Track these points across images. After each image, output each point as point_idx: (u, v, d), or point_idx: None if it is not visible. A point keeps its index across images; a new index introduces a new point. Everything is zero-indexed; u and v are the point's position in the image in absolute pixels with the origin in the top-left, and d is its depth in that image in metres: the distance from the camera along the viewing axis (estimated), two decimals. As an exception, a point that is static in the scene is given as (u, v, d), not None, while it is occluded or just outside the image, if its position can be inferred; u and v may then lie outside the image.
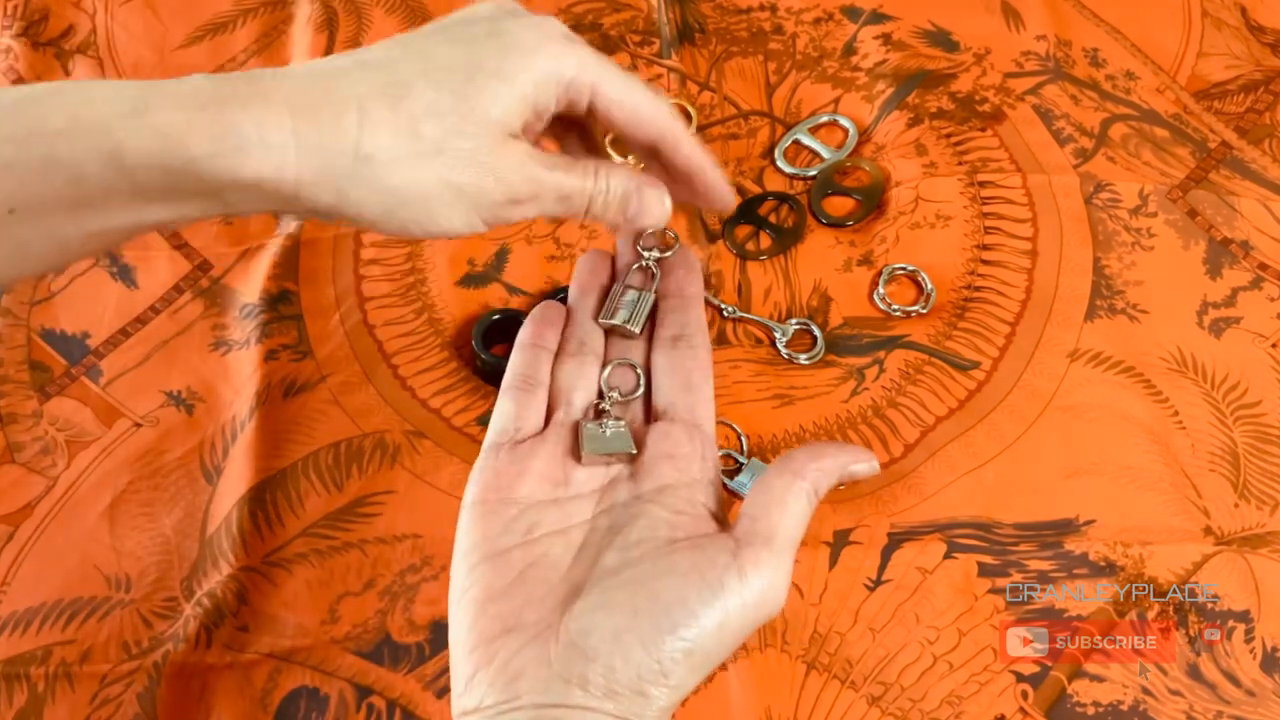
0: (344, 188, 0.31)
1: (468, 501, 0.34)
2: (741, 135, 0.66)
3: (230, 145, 0.29)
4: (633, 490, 0.34)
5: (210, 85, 0.30)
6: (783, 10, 0.71)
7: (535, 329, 0.38)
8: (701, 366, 0.37)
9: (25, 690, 0.47)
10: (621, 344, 0.38)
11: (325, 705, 0.46)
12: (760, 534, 0.31)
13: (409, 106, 0.31)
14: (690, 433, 0.35)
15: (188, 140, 0.29)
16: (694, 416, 0.35)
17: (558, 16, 0.70)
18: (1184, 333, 0.56)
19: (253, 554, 0.50)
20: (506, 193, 0.33)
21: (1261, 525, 0.50)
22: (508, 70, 0.32)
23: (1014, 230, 0.60)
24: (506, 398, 0.37)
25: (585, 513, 0.34)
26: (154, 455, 0.53)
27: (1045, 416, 0.54)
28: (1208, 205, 0.61)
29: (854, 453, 0.33)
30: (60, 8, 0.70)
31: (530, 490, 0.34)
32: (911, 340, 0.57)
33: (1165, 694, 0.46)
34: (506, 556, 0.32)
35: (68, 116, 0.29)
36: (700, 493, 0.33)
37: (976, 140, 0.64)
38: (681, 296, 0.38)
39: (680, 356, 0.37)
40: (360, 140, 0.30)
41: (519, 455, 0.35)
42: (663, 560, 0.31)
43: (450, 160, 0.31)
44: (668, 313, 0.38)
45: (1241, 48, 0.69)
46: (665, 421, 0.36)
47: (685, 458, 0.34)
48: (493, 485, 0.34)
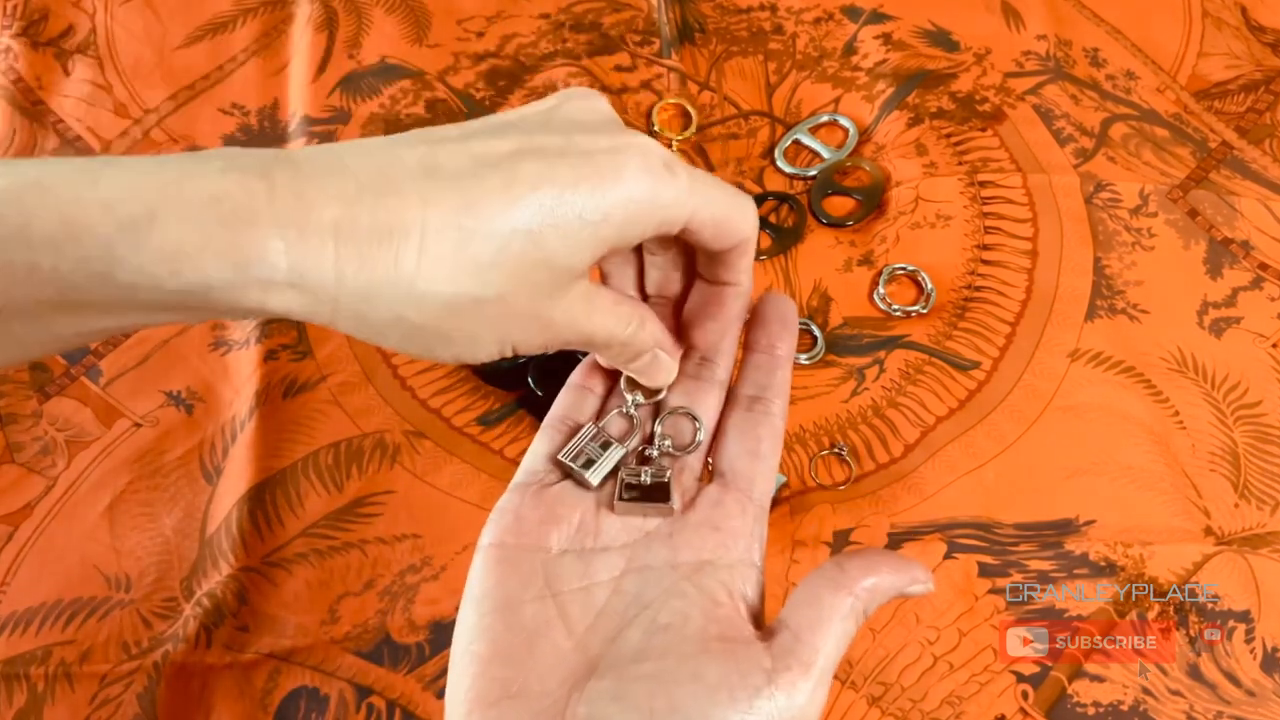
0: (378, 325, 0.27)
1: (484, 543, 0.31)
2: (741, 135, 0.66)
3: (255, 277, 0.24)
4: (669, 556, 0.31)
5: (237, 188, 0.24)
6: (783, 10, 0.71)
7: (586, 372, 0.36)
8: (773, 435, 0.33)
9: (25, 690, 0.47)
10: (687, 387, 0.34)
11: (325, 705, 0.46)
12: (800, 656, 0.27)
13: (477, 251, 0.26)
14: (744, 506, 0.32)
15: (202, 265, 0.24)
16: (751, 488, 0.32)
17: (557, 16, 0.70)
18: (1184, 333, 0.56)
19: (252, 554, 0.50)
20: (549, 339, 0.29)
21: (1262, 525, 0.50)
22: (596, 209, 0.27)
23: (1014, 230, 0.60)
24: (543, 437, 0.34)
25: (612, 569, 0.31)
26: (154, 455, 0.53)
27: (1045, 416, 0.54)
28: (1208, 205, 0.61)
29: (911, 571, 0.29)
30: (60, 7, 0.70)
31: (555, 538, 0.31)
32: (912, 340, 0.57)
33: (1165, 694, 0.46)
34: (519, 611, 0.30)
35: (62, 222, 0.23)
36: (741, 578, 0.30)
37: (977, 140, 0.64)
38: (770, 353, 0.34)
39: (754, 421, 0.33)
40: (416, 278, 0.26)
41: (546, 499, 0.32)
42: (691, 662, 0.28)
43: (504, 308, 0.27)
44: (751, 368, 0.34)
45: (1242, 47, 0.69)
46: (719, 486, 0.32)
47: (732, 533, 0.31)
48: (513, 529, 0.31)
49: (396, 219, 0.25)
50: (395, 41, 0.69)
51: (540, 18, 0.70)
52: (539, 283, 0.27)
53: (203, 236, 0.24)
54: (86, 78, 0.67)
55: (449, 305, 0.26)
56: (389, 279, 0.25)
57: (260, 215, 0.24)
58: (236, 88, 0.67)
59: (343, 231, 0.25)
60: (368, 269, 0.25)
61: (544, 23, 0.70)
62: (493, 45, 0.69)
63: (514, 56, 0.69)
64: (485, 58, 0.69)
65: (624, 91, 0.67)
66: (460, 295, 0.26)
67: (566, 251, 0.27)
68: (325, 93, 0.66)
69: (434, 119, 0.66)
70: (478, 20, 0.70)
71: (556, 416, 0.34)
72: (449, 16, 0.70)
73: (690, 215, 0.29)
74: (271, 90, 0.67)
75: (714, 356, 0.35)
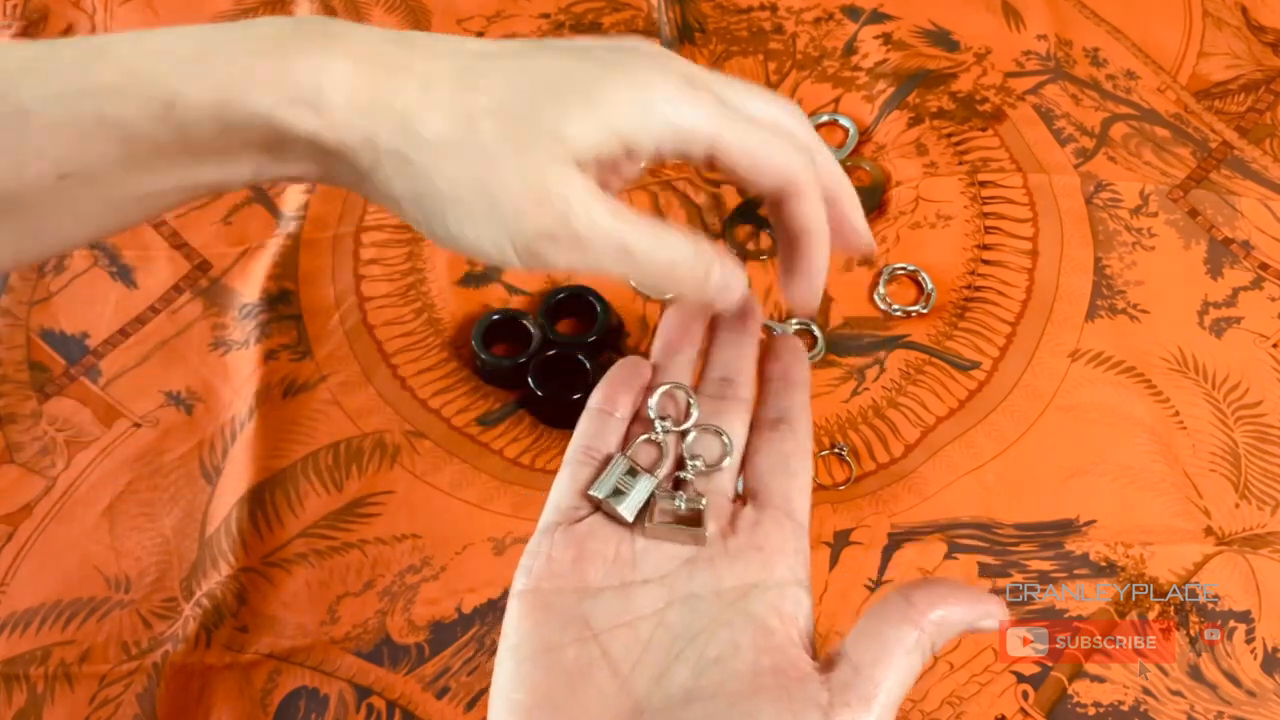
0: (382, 161, 0.28)
1: (518, 589, 0.30)
2: (742, 135, 0.65)
3: (287, 96, 0.27)
4: (712, 582, 0.30)
5: (280, 28, 0.28)
6: (783, 10, 0.71)
7: (608, 392, 0.34)
8: (801, 452, 0.33)
9: (25, 690, 0.47)
10: (712, 407, 0.34)
11: (325, 705, 0.46)
12: (861, 692, 0.26)
13: (476, 97, 0.27)
14: (781, 523, 0.31)
15: (247, 90, 0.27)
16: (788, 504, 0.31)
17: (557, 16, 0.70)
18: (1185, 333, 0.56)
19: (252, 554, 0.50)
20: (546, 225, 0.28)
21: (1262, 525, 0.50)
22: (601, 94, 0.28)
23: (1014, 230, 0.60)
24: (567, 471, 0.33)
25: (655, 602, 0.29)
26: (153, 455, 0.53)
27: (1046, 416, 0.54)
28: (1209, 205, 0.61)
29: (983, 604, 0.27)
30: (60, 7, 0.70)
31: (591, 575, 0.30)
32: (912, 340, 0.57)
33: (1166, 694, 0.46)
34: (560, 654, 0.28)
35: (123, 70, 0.27)
36: (789, 600, 0.29)
37: (977, 140, 0.64)
38: (787, 380, 0.34)
39: (780, 439, 0.33)
40: (412, 114, 0.27)
41: (578, 536, 0.31)
42: (743, 703, 0.26)
43: (495, 166, 0.27)
44: (771, 395, 0.34)
45: (1242, 47, 0.69)
46: (755, 507, 0.32)
47: (775, 551, 0.30)
48: (547, 573, 0.30)
49: (408, 63, 0.28)
50: (395, 41, 0.69)
51: (540, 18, 0.70)
52: (530, 146, 0.27)
53: (247, 66, 0.27)
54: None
55: (439, 146, 0.27)
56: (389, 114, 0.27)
57: (294, 48, 0.27)
58: (236, 87, 0.67)
59: (359, 61, 0.27)
60: (371, 93, 0.27)
61: (544, 23, 0.70)
62: (493, 45, 0.69)
63: (514, 56, 0.68)
64: (485, 57, 0.68)
65: (624, 91, 0.67)
66: (449, 140, 0.27)
67: (561, 120, 0.27)
68: (325, 92, 0.66)
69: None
70: (478, 20, 0.70)
71: (580, 447, 0.33)
72: (449, 16, 0.70)
73: (713, 138, 0.29)
74: (271, 90, 0.67)
75: (735, 376, 0.34)
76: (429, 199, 0.28)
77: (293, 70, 0.27)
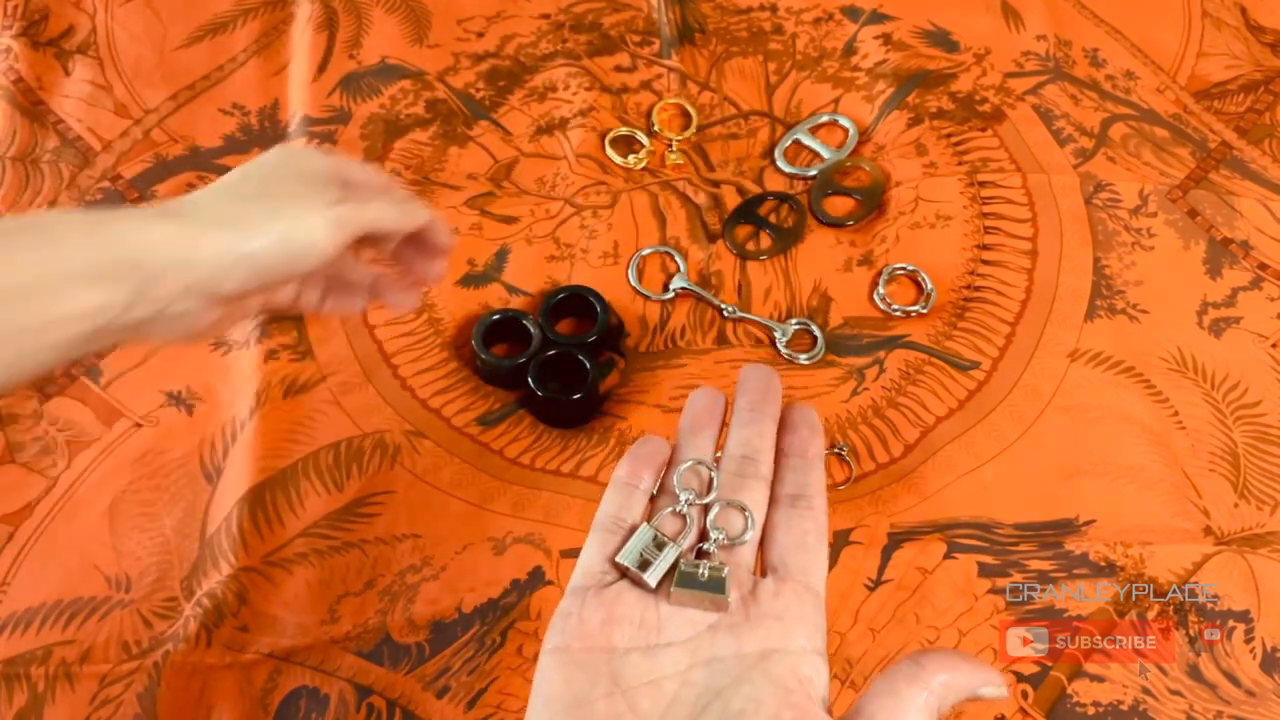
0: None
1: (549, 648, 0.32)
2: (741, 135, 0.66)
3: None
4: (734, 646, 0.32)
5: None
6: (783, 10, 0.71)
7: (632, 466, 0.37)
8: (818, 528, 0.35)
9: (25, 690, 0.47)
10: (734, 484, 0.36)
11: (325, 705, 0.46)
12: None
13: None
14: (801, 595, 0.33)
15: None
16: (807, 578, 0.34)
17: (557, 16, 0.70)
18: (1184, 333, 0.56)
19: (253, 554, 0.50)
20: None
21: (1261, 525, 0.50)
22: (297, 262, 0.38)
23: (1014, 230, 0.60)
24: (595, 539, 0.35)
25: (679, 663, 0.31)
26: (154, 455, 0.53)
27: (1045, 417, 0.54)
28: (1208, 205, 0.61)
29: (985, 674, 0.30)
30: (60, 8, 0.70)
31: (618, 638, 0.32)
32: (912, 340, 0.57)
33: (1165, 694, 0.46)
34: (590, 708, 0.30)
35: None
36: (808, 665, 0.31)
37: (976, 140, 0.64)
38: (804, 457, 0.37)
39: (799, 516, 0.35)
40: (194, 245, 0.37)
41: (606, 600, 0.33)
42: None
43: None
44: (788, 471, 0.37)
45: (1241, 48, 0.69)
46: (775, 579, 0.34)
47: (794, 620, 0.32)
48: (577, 633, 0.32)
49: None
50: (395, 42, 0.69)
51: (540, 18, 0.70)
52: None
53: None
54: (87, 78, 0.67)
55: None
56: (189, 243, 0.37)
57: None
58: (237, 88, 0.67)
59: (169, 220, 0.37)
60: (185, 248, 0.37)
61: (544, 23, 0.70)
62: (493, 45, 0.69)
63: (514, 56, 0.69)
64: (485, 58, 0.69)
65: (624, 91, 0.67)
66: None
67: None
68: (325, 93, 0.66)
69: (434, 119, 0.66)
70: (478, 20, 0.70)
71: (608, 516, 0.35)
72: (449, 16, 0.70)
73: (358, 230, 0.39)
74: (272, 90, 0.67)
75: (755, 455, 0.37)
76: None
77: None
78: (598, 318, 0.55)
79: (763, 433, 0.37)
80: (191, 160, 0.64)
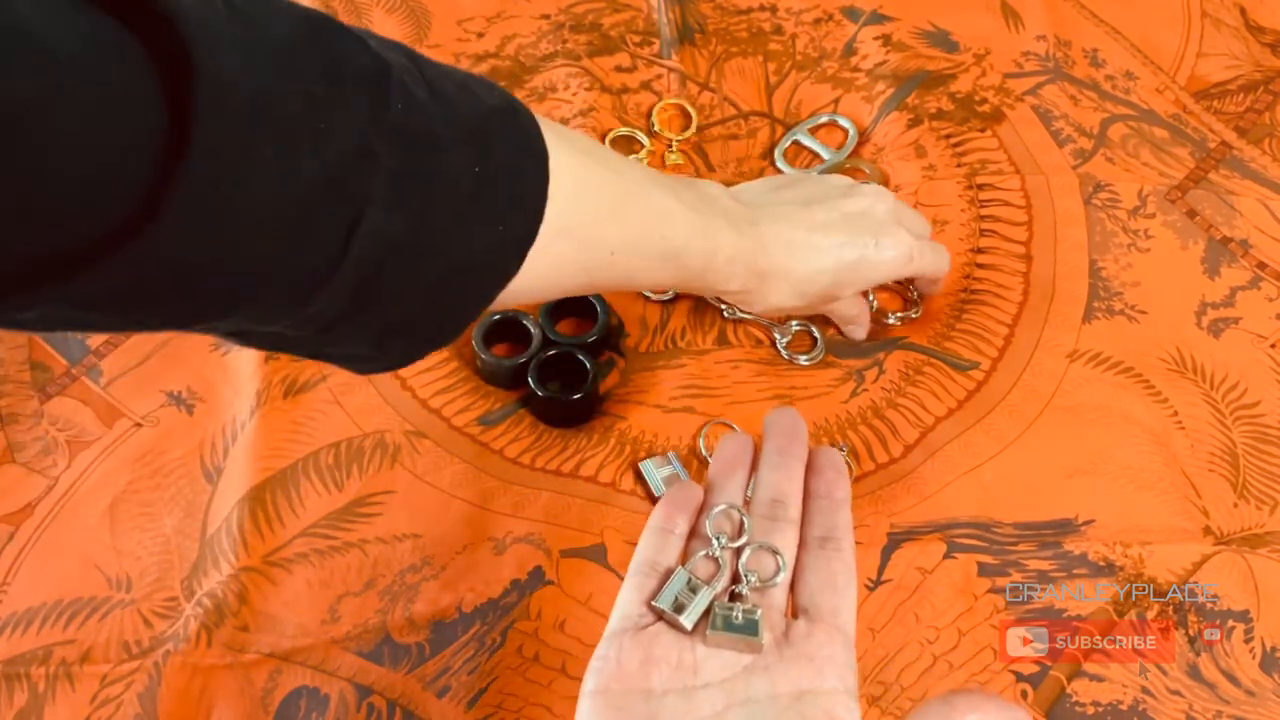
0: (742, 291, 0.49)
1: (589, 689, 0.33)
2: (741, 135, 0.66)
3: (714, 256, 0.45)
4: (768, 687, 0.32)
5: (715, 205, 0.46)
6: (783, 10, 0.71)
7: (666, 512, 0.38)
8: (847, 569, 0.36)
9: (25, 690, 0.47)
10: (764, 527, 0.38)
11: (325, 705, 0.46)
12: None
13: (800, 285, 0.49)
14: (832, 636, 0.34)
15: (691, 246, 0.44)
16: (837, 620, 0.35)
17: (557, 16, 0.70)
18: (1183, 333, 0.56)
19: (253, 554, 0.50)
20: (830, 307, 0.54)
21: (1261, 525, 0.50)
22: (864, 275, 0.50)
23: (1010, 233, 0.60)
24: (631, 583, 0.36)
25: (715, 704, 0.32)
26: (154, 455, 0.53)
27: (1045, 416, 0.54)
28: (1207, 205, 0.61)
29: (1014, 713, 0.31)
30: (60, 8, 0.70)
31: (656, 680, 0.33)
32: (911, 341, 0.57)
33: (1165, 694, 0.46)
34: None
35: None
36: (840, 706, 0.32)
37: (976, 141, 0.64)
38: (831, 499, 0.38)
39: (827, 558, 0.36)
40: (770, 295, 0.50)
41: (643, 642, 0.34)
42: None
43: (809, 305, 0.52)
44: (816, 514, 0.38)
45: (1241, 48, 0.69)
46: (806, 621, 0.35)
47: (826, 661, 0.33)
48: (616, 675, 0.33)
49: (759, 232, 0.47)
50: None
51: (540, 18, 0.70)
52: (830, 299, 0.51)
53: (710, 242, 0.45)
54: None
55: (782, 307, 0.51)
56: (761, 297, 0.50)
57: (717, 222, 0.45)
58: (237, 88, 0.67)
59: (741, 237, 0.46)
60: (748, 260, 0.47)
61: (544, 23, 0.70)
62: (493, 45, 0.69)
63: (514, 57, 0.69)
64: (485, 58, 0.69)
65: (624, 92, 0.67)
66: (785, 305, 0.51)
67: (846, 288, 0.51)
68: (325, 93, 0.66)
69: (434, 119, 0.66)
70: (478, 20, 0.70)
71: (644, 561, 0.37)
72: (449, 16, 0.71)
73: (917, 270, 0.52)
74: (272, 90, 0.67)
75: (784, 498, 0.38)
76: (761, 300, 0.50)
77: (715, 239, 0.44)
78: (598, 318, 0.55)
79: (791, 476, 0.38)
80: (192, 160, 0.64)
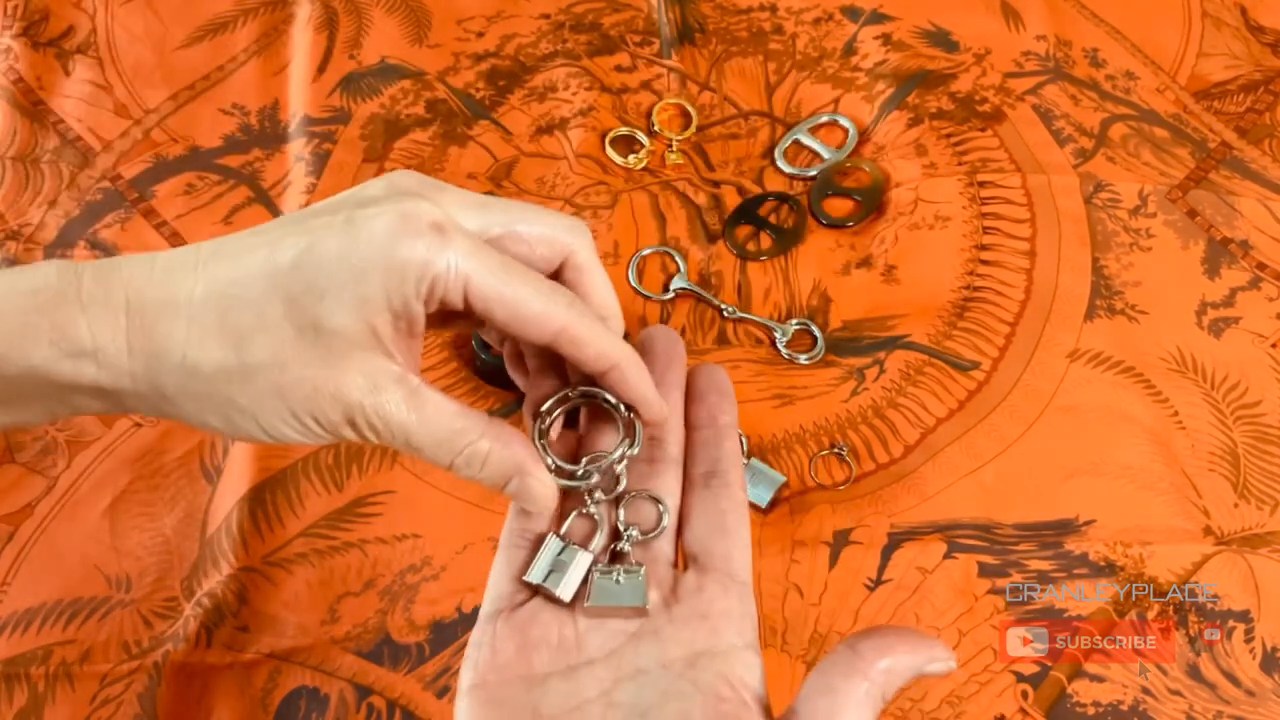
0: (174, 397, 0.28)
1: (464, 687, 0.29)
2: (741, 135, 0.66)
3: (66, 350, 0.27)
4: (659, 654, 0.29)
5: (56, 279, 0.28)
6: (783, 10, 0.71)
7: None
8: (737, 507, 0.32)
9: (26, 690, 0.47)
10: (642, 470, 0.33)
11: (325, 705, 0.46)
12: None
13: (237, 318, 0.27)
14: (726, 586, 0.30)
15: (25, 345, 0.27)
16: (729, 565, 0.31)
17: (557, 16, 0.70)
18: (1183, 333, 0.56)
19: (253, 554, 0.50)
20: (344, 414, 0.28)
21: (1261, 525, 0.50)
22: (348, 271, 0.27)
23: (1013, 231, 0.60)
24: (503, 557, 0.32)
25: (602, 683, 0.29)
26: (154, 455, 0.53)
27: (1045, 417, 0.54)
28: (1207, 205, 0.61)
29: (929, 648, 0.27)
30: (60, 8, 0.70)
31: (536, 663, 0.29)
32: (912, 341, 0.57)
33: (1165, 694, 0.46)
34: None
35: None
36: (739, 665, 0.29)
37: (976, 140, 0.64)
38: (715, 426, 0.33)
39: (714, 496, 0.32)
40: (185, 353, 0.27)
41: (518, 623, 0.30)
42: None
43: (279, 380, 0.28)
44: (699, 446, 0.33)
45: (1241, 48, 0.69)
46: (696, 571, 0.31)
47: (720, 616, 0.29)
48: (491, 665, 0.29)
49: (172, 299, 0.28)
50: (395, 41, 0.69)
51: (540, 18, 0.70)
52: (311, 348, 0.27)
53: (24, 321, 0.27)
54: (87, 78, 0.67)
55: (221, 373, 0.28)
56: (164, 356, 0.28)
57: (70, 299, 0.27)
58: (237, 88, 0.67)
59: (132, 308, 0.27)
60: (145, 340, 0.27)
61: (544, 23, 0.70)
62: (493, 45, 0.69)
63: (514, 56, 0.69)
64: (485, 58, 0.69)
65: (624, 92, 0.67)
66: (227, 366, 0.27)
67: (328, 312, 0.27)
68: (325, 93, 0.66)
69: (434, 119, 0.66)
70: (478, 20, 0.70)
71: (513, 531, 0.32)
72: (449, 16, 0.71)
73: (465, 284, 0.28)
74: (272, 90, 0.67)
75: (661, 434, 0.33)
76: (233, 415, 0.28)
77: (73, 324, 0.27)
78: (598, 318, 0.55)
79: (669, 408, 0.33)
80: (192, 160, 0.64)
